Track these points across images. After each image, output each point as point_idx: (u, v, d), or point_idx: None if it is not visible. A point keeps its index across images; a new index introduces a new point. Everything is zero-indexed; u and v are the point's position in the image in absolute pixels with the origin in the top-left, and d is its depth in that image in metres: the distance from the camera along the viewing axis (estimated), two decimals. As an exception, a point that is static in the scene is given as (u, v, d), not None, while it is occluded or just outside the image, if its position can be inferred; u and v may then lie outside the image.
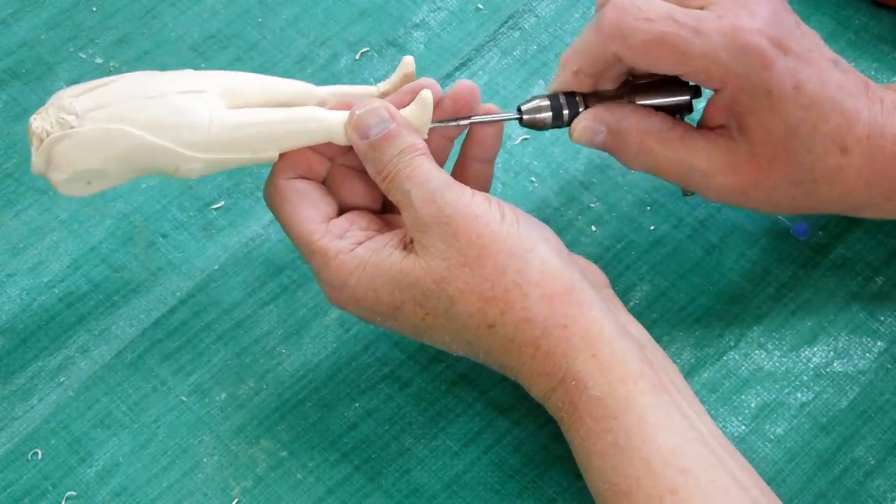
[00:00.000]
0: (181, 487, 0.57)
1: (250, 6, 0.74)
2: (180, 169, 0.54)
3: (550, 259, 0.52)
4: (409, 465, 0.58)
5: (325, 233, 0.54)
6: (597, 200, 0.65)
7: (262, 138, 0.55)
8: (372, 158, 0.54)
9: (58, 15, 0.73)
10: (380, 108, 0.54)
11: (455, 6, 0.73)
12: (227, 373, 0.60)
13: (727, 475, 0.48)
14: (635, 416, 0.49)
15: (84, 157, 0.53)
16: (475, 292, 0.51)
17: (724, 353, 0.60)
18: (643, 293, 0.62)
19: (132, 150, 0.53)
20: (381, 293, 0.53)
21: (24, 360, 0.61)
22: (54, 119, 0.54)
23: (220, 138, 0.54)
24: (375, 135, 0.54)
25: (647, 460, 0.48)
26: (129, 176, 0.55)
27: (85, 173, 0.54)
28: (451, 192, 0.52)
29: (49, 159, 0.54)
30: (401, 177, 0.53)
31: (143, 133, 0.53)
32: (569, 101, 0.57)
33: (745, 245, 0.63)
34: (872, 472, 0.56)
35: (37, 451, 0.58)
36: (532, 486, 0.57)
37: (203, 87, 0.55)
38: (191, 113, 0.54)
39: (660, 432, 0.49)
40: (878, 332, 0.60)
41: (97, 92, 0.54)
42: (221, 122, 0.54)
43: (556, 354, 0.51)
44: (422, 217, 0.52)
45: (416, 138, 0.54)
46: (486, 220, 0.51)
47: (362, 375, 0.60)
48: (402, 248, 0.53)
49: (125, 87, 0.54)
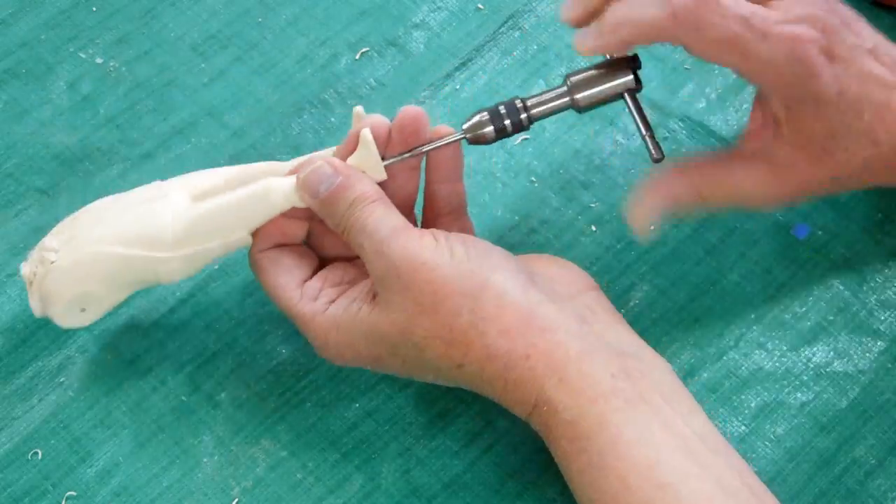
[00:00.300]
0: (181, 487, 0.57)
1: (250, 6, 0.74)
2: (160, 273, 0.56)
3: (506, 290, 0.52)
4: (409, 465, 0.58)
5: (301, 297, 0.55)
6: (597, 200, 0.65)
7: (227, 222, 0.56)
8: (326, 215, 0.55)
9: (58, 15, 0.73)
10: (322, 165, 0.55)
11: (455, 6, 0.73)
12: (227, 373, 0.60)
13: (712, 483, 0.48)
14: (608, 434, 0.49)
15: (70, 284, 0.56)
16: (437, 338, 0.52)
17: (724, 353, 0.60)
18: (643, 293, 0.62)
19: (110, 268, 0.56)
20: (359, 348, 0.54)
21: (24, 360, 0.61)
22: (38, 260, 0.56)
23: (186, 233, 0.55)
24: (324, 191, 0.54)
25: (622, 477, 0.48)
26: (121, 294, 0.57)
27: (76, 301, 0.56)
28: (398, 242, 0.52)
29: (42, 297, 0.56)
30: (354, 230, 0.54)
31: (113, 248, 0.55)
32: (509, 111, 0.56)
33: (745, 245, 0.63)
34: (873, 471, 0.56)
35: (37, 451, 0.58)
36: (532, 486, 0.57)
37: (165, 192, 0.56)
38: (154, 217, 0.55)
39: (636, 448, 0.49)
40: (878, 332, 0.60)
41: (68, 225, 0.57)
42: (184, 218, 0.55)
43: (525, 383, 0.51)
44: (375, 270, 0.53)
45: (365, 186, 0.54)
46: (434, 264, 0.51)
47: (362, 375, 0.60)
48: (370, 301, 0.54)
49: (94, 213, 0.57)
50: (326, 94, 0.70)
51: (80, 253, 0.55)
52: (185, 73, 0.71)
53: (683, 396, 0.52)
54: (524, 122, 0.57)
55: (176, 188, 0.57)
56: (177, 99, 0.70)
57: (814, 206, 0.64)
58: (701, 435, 0.50)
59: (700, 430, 0.50)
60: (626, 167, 0.66)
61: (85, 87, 0.71)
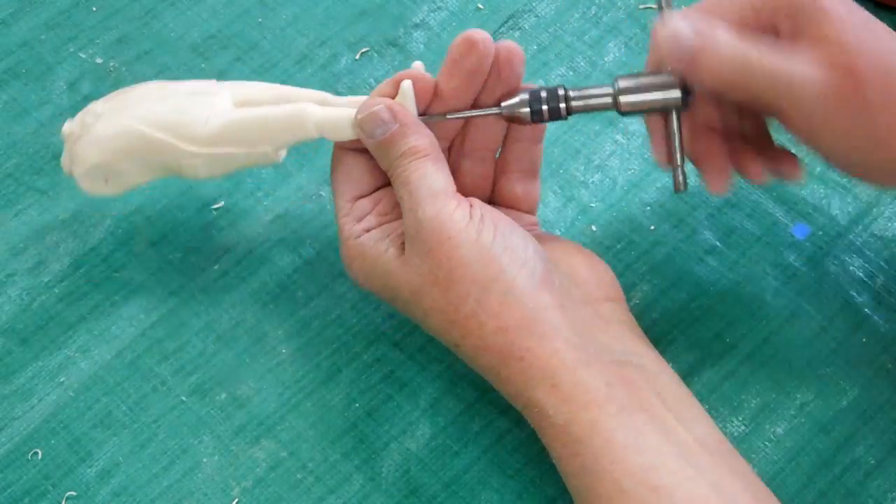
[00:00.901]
0: (181, 487, 0.57)
1: (250, 6, 0.74)
2: (183, 165, 0.57)
3: (515, 288, 0.51)
4: (408, 465, 0.58)
5: (348, 212, 0.56)
6: (597, 200, 0.65)
7: (257, 133, 0.56)
8: (378, 157, 0.55)
9: (58, 15, 0.73)
10: (383, 109, 0.55)
11: (455, 6, 0.73)
12: (227, 373, 0.60)
13: (707, 488, 0.48)
14: (601, 439, 0.49)
15: (98, 151, 0.57)
16: (442, 312, 0.52)
17: (724, 353, 0.60)
18: (643, 293, 0.62)
19: (139, 146, 0.57)
20: (375, 284, 0.55)
21: (24, 360, 0.61)
22: (80, 121, 0.58)
23: (217, 133, 0.56)
24: (379, 135, 0.54)
25: (616, 481, 0.48)
26: (144, 176, 0.59)
27: (100, 168, 0.58)
28: (433, 207, 0.52)
29: (72, 156, 0.58)
30: (399, 181, 0.54)
31: (147, 128, 0.56)
32: (550, 97, 0.55)
33: (745, 245, 0.63)
34: (872, 471, 0.56)
35: (37, 451, 0.58)
36: (532, 486, 0.57)
37: (215, 91, 0.58)
38: (192, 110, 0.57)
39: (630, 452, 0.48)
40: (878, 333, 0.60)
41: (119, 96, 0.59)
42: (220, 118, 0.56)
43: (516, 383, 0.51)
44: (408, 227, 0.53)
45: (419, 139, 0.54)
46: (458, 241, 0.52)
47: (362, 375, 0.60)
48: (398, 245, 0.54)
49: (143, 92, 0.59)
50: (326, 94, 0.70)
51: (117, 124, 0.57)
52: (185, 73, 0.71)
53: (688, 404, 0.52)
54: (562, 111, 0.56)
55: (225, 90, 0.58)
56: (177, 99, 0.70)
57: (814, 207, 0.64)
58: (702, 441, 0.50)
59: (703, 436, 0.50)
60: (625, 167, 0.66)
61: (85, 87, 0.71)
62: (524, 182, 0.59)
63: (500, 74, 0.55)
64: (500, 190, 0.59)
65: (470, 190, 0.58)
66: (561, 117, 0.56)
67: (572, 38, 0.72)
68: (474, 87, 0.55)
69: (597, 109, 0.56)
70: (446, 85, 0.55)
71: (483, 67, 0.54)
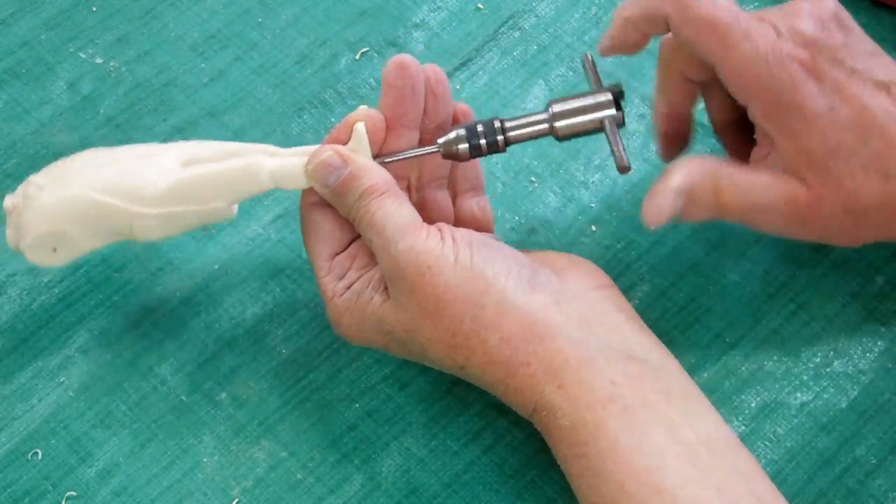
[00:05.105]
0: (181, 487, 0.57)
1: (250, 6, 0.74)
2: (135, 227, 0.56)
3: (507, 296, 0.52)
4: (409, 465, 0.58)
5: (329, 271, 0.56)
6: (597, 200, 0.65)
7: (209, 190, 0.56)
8: (336, 204, 0.55)
9: (58, 15, 0.73)
10: (332, 155, 0.55)
11: (455, 6, 0.73)
12: (227, 373, 0.60)
13: (711, 490, 0.48)
14: (606, 440, 0.49)
15: (45, 221, 0.56)
16: (440, 341, 0.53)
17: (724, 353, 0.60)
18: (643, 293, 0.62)
19: (86, 212, 0.56)
20: (369, 335, 0.55)
21: (24, 360, 0.61)
22: (22, 193, 0.57)
23: (168, 193, 0.56)
24: (333, 182, 0.55)
25: (620, 482, 0.48)
26: (94, 242, 0.57)
27: (48, 237, 0.56)
28: (404, 242, 0.52)
29: (17, 229, 0.57)
30: (363, 224, 0.54)
31: (95, 194, 0.56)
32: (487, 131, 0.56)
33: (745, 245, 0.63)
34: (873, 471, 0.56)
35: (37, 451, 0.58)
36: (532, 486, 0.57)
37: (161, 153, 0.57)
38: (141, 172, 0.56)
39: (634, 454, 0.49)
40: (878, 332, 0.60)
41: (59, 167, 0.57)
42: (169, 178, 0.56)
43: (525, 389, 0.52)
44: (385, 268, 0.53)
45: (374, 178, 0.54)
46: (438, 268, 0.52)
47: (362, 375, 0.60)
48: (381, 291, 0.54)
49: (85, 159, 0.58)
50: (326, 94, 0.70)
51: (63, 192, 0.56)
52: (185, 73, 0.71)
53: (693, 399, 0.52)
54: (500, 144, 0.56)
55: (170, 151, 0.57)
56: (177, 99, 0.70)
57: (814, 206, 0.64)
58: (707, 440, 0.50)
59: (707, 434, 0.50)
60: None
61: (85, 87, 0.71)
62: (477, 198, 0.59)
63: (434, 94, 0.56)
64: (459, 212, 0.59)
65: (437, 218, 0.58)
66: (499, 150, 0.56)
67: (572, 38, 0.72)
68: (417, 109, 0.56)
69: (535, 137, 0.57)
70: (392, 113, 0.55)
71: (418, 87, 0.55)
